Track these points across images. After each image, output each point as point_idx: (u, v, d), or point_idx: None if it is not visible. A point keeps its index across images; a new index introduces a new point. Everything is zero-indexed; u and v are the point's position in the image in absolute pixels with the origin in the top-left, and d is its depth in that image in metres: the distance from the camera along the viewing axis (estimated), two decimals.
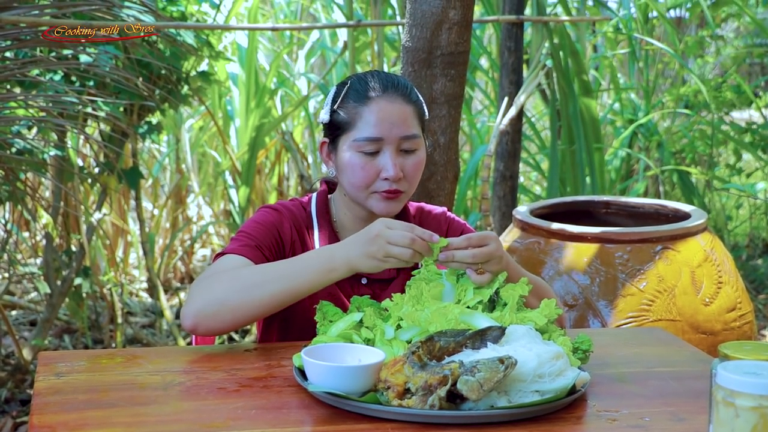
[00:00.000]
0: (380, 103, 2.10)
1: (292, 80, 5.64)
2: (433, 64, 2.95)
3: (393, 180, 2.09)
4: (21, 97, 3.49)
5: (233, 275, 1.98)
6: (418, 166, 2.14)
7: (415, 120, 2.13)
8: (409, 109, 2.12)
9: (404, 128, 2.10)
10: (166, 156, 5.52)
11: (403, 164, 2.11)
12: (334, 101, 2.14)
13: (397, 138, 2.10)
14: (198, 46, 4.13)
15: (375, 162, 2.10)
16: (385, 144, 2.09)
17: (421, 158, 2.14)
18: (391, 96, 2.11)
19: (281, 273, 1.96)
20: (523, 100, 4.22)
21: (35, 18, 3.35)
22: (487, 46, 5.63)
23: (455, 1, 2.88)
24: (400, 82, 2.15)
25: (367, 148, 2.09)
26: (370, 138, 2.09)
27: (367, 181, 2.10)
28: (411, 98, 2.14)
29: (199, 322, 1.96)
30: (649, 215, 3.44)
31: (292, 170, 5.55)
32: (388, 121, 2.09)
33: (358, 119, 2.10)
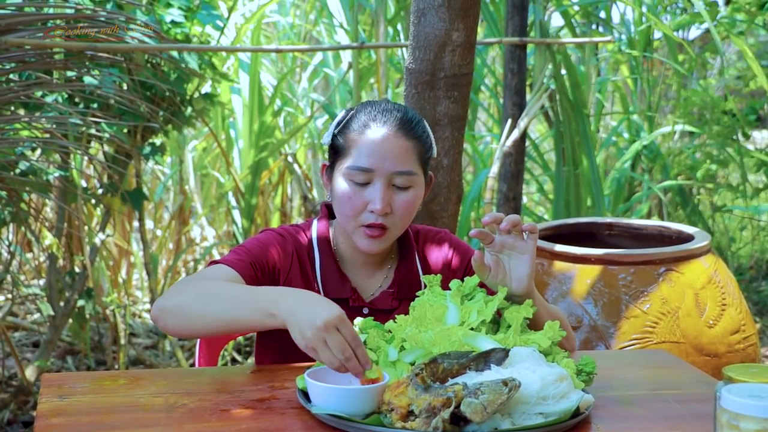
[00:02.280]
0: (377, 135, 2.05)
1: (296, 102, 5.66)
2: (437, 86, 2.95)
3: (378, 213, 2.03)
4: (25, 118, 3.50)
5: (203, 285, 1.95)
6: (409, 205, 2.06)
7: (413, 156, 2.06)
8: (407, 144, 2.05)
9: (398, 163, 2.04)
10: (170, 177, 5.53)
11: (393, 199, 2.05)
12: (337, 125, 2.11)
13: (389, 172, 2.04)
14: (202, 67, 4.14)
15: (364, 193, 2.04)
16: (375, 176, 2.04)
17: (414, 197, 2.07)
18: (391, 128, 2.05)
19: (231, 298, 1.89)
20: (526, 122, 4.23)
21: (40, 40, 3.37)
22: (491, 65, 5.64)
23: (458, 23, 2.89)
24: (405, 116, 2.08)
25: (357, 178, 2.04)
26: (360, 168, 2.04)
27: (354, 211, 2.05)
28: (414, 133, 2.07)
29: (158, 316, 1.95)
30: (652, 237, 3.43)
31: (296, 191, 5.56)
32: (382, 153, 2.03)
33: (353, 147, 2.06)
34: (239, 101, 5.21)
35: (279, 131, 5.41)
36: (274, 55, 5.69)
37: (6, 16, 3.29)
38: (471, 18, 2.91)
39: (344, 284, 2.15)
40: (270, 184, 5.46)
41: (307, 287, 2.11)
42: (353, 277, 2.17)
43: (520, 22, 4.23)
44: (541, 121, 5.83)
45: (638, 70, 5.34)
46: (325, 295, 2.12)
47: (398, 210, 2.06)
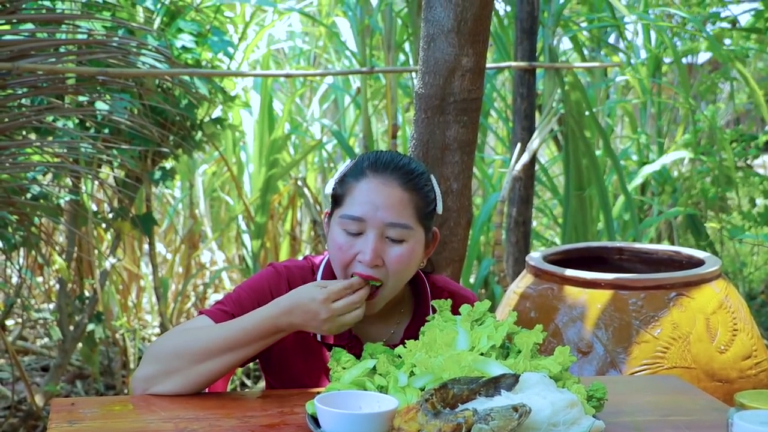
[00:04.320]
0: (372, 183, 1.98)
1: (306, 126, 5.68)
2: (446, 111, 2.96)
3: (367, 265, 1.96)
4: (37, 143, 3.51)
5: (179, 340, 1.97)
6: (402, 259, 1.98)
7: (410, 210, 1.98)
8: (404, 196, 1.98)
9: (392, 214, 1.97)
10: (180, 201, 5.54)
11: (385, 252, 1.97)
12: (338, 175, 2.07)
13: (381, 222, 1.96)
14: (212, 92, 4.16)
15: (356, 242, 1.98)
16: (368, 226, 1.97)
17: (408, 251, 1.98)
18: (388, 178, 1.98)
19: (225, 342, 1.94)
20: (535, 146, 4.23)
21: (52, 65, 3.39)
22: (500, 90, 5.66)
23: (468, 48, 2.90)
24: (405, 166, 2.01)
25: (350, 227, 1.98)
26: (352, 216, 1.97)
27: (344, 261, 1.99)
28: (412, 185, 1.99)
29: (148, 388, 1.97)
30: (662, 261, 3.42)
31: (305, 215, 5.57)
32: (375, 203, 1.97)
33: (348, 195, 2.00)
34: (250, 125, 5.23)
35: (289, 155, 5.43)
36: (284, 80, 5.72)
37: (19, 42, 3.32)
38: (480, 43, 2.92)
39: (343, 332, 2.08)
40: (280, 208, 5.47)
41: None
42: (356, 327, 2.10)
43: (529, 47, 4.24)
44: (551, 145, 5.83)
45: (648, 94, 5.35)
46: (322, 340, 2.10)
47: (391, 264, 1.98)
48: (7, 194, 3.40)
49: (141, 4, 4.05)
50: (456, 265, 3.11)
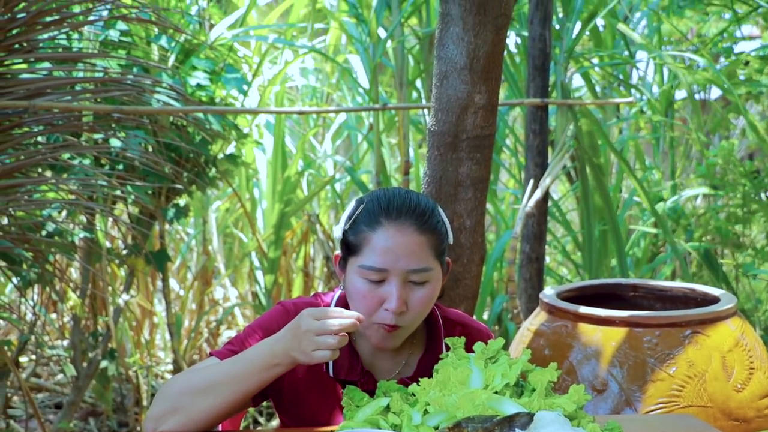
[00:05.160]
0: (389, 232, 1.99)
1: (319, 162, 5.69)
2: (459, 148, 2.97)
3: (395, 313, 1.98)
4: (52, 180, 3.54)
5: (186, 379, 2.00)
6: (425, 300, 2.02)
7: (428, 251, 2.00)
8: (421, 240, 2.00)
9: (413, 261, 1.99)
10: (193, 237, 5.56)
11: (409, 297, 1.99)
12: (348, 220, 2.06)
13: (404, 270, 1.98)
14: (226, 129, 4.19)
15: (379, 291, 1.99)
16: (390, 275, 1.98)
17: (431, 291, 2.02)
18: (403, 225, 1.99)
19: (228, 376, 1.95)
20: (548, 182, 4.23)
21: (68, 103, 3.42)
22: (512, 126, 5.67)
23: (481, 86, 2.91)
24: (417, 209, 2.02)
25: (371, 277, 1.99)
26: (374, 268, 1.98)
27: (369, 310, 2.00)
28: (427, 227, 2.01)
29: (158, 427, 1.97)
30: (677, 299, 3.41)
31: (318, 251, 5.57)
32: (395, 252, 1.98)
33: (365, 245, 2.00)
34: (263, 162, 5.26)
35: (302, 191, 5.45)
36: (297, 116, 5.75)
37: (36, 81, 3.35)
38: (493, 81, 2.94)
39: (355, 366, 2.10)
40: (293, 244, 5.48)
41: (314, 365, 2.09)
42: (368, 358, 2.12)
43: (541, 84, 4.26)
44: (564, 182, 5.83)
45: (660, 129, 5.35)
46: (334, 375, 2.11)
47: (414, 307, 2.01)
48: (22, 231, 3.41)
49: (156, 43, 4.09)
50: (469, 301, 3.11)
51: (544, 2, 4.20)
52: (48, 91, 3.36)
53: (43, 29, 3.34)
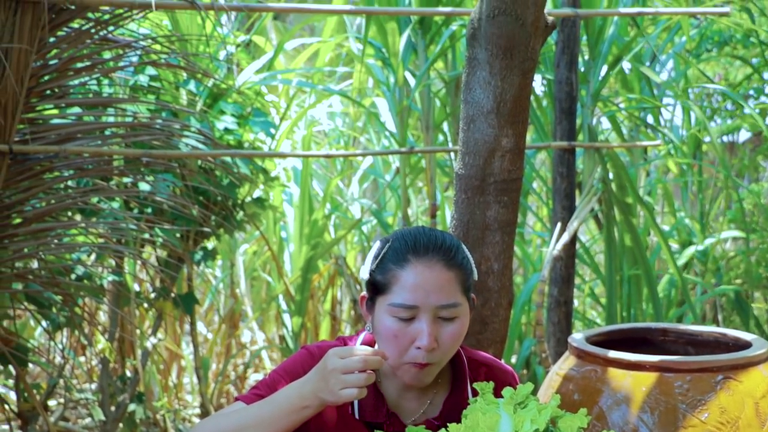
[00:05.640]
0: (417, 269, 2.01)
1: (345, 205, 5.71)
2: (486, 192, 2.96)
3: (426, 350, 1.99)
4: (82, 224, 3.56)
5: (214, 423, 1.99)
6: (455, 336, 2.03)
7: (456, 286, 2.03)
8: (449, 276, 2.02)
9: (442, 296, 2.01)
10: (221, 281, 5.57)
11: (439, 333, 2.01)
12: (374, 260, 2.07)
13: (434, 306, 2.00)
14: (253, 173, 4.21)
15: (409, 329, 2.00)
16: (420, 312, 2.00)
17: (460, 327, 2.04)
18: (431, 261, 2.01)
19: (257, 420, 1.95)
20: (576, 225, 4.22)
21: (98, 148, 3.46)
22: (539, 169, 5.67)
23: (508, 129, 2.92)
24: (443, 245, 2.05)
25: (402, 315, 2.00)
26: (404, 305, 2.00)
27: (401, 348, 2.01)
28: (454, 263, 2.04)
29: None
30: (708, 343, 3.37)
31: (345, 295, 5.57)
32: (425, 288, 2.00)
33: (394, 283, 2.01)
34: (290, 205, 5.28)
35: (329, 235, 5.46)
36: (324, 160, 5.77)
37: (67, 126, 3.39)
38: (520, 124, 2.94)
39: (380, 407, 2.09)
40: (320, 287, 5.48)
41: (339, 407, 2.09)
42: (393, 399, 2.12)
43: (568, 127, 4.26)
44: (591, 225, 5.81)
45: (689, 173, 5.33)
46: (360, 417, 2.10)
47: (444, 343, 2.02)
48: (52, 275, 3.44)
49: (185, 87, 4.13)
50: (497, 345, 3.08)
51: (570, 46, 4.21)
52: (78, 135, 3.40)
53: (75, 75, 3.39)
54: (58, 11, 3.22)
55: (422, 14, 4.46)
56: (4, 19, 3.10)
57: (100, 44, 3.42)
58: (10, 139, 3.17)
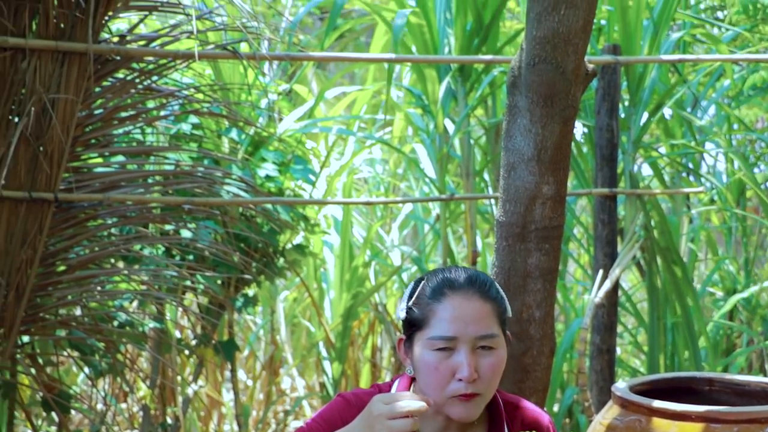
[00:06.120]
0: (455, 301, 2.03)
1: (385, 252, 5.71)
2: (528, 239, 2.95)
3: (467, 381, 1.99)
4: (124, 271, 3.60)
5: None
6: (496, 367, 2.04)
7: (493, 318, 2.05)
8: (486, 307, 2.04)
9: (481, 327, 2.02)
10: (261, 327, 5.58)
11: (479, 364, 2.01)
12: (410, 297, 2.09)
13: (472, 337, 2.01)
14: (294, 219, 4.23)
15: (449, 361, 2.01)
16: (459, 343, 2.01)
17: (499, 358, 2.05)
18: (467, 293, 2.04)
19: None
20: (618, 272, 4.18)
21: (141, 196, 3.50)
22: (580, 216, 5.64)
23: (548, 176, 2.91)
24: (478, 279, 2.08)
25: (441, 347, 2.01)
26: (444, 336, 2.01)
27: (442, 381, 2.01)
28: (489, 295, 2.06)
29: None
30: (755, 393, 3.31)
31: (386, 342, 5.55)
32: (463, 319, 2.01)
33: (432, 317, 2.03)
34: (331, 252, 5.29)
35: (369, 282, 5.45)
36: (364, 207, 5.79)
37: (110, 174, 3.44)
38: (561, 171, 2.93)
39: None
40: (360, 334, 5.47)
41: None
42: None
43: (609, 173, 4.24)
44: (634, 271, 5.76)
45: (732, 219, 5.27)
46: None
47: (485, 374, 2.02)
48: (95, 322, 3.46)
49: (226, 135, 4.17)
50: (539, 394, 3.05)
51: (610, 93, 4.21)
52: (122, 183, 3.44)
53: (119, 124, 3.44)
54: (104, 62, 3.28)
55: (462, 62, 4.49)
56: (51, 70, 3.16)
57: (144, 94, 3.47)
58: (56, 188, 3.22)
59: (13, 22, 3.13)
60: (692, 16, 4.84)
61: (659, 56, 4.46)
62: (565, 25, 2.73)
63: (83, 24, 3.16)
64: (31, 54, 3.14)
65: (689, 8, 5.03)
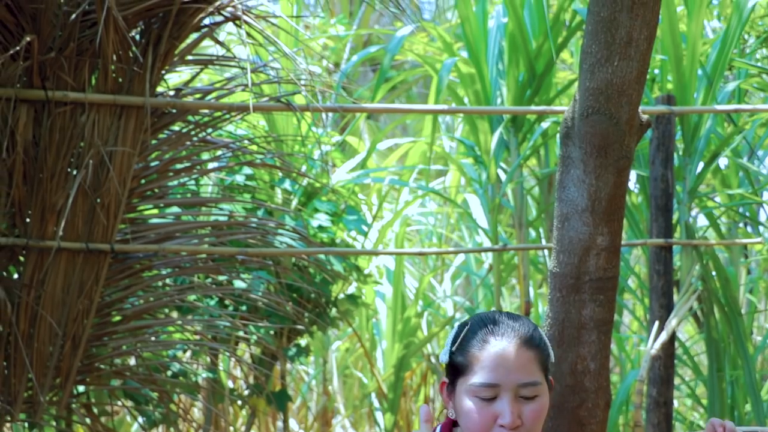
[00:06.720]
0: (497, 348, 2.03)
1: (438, 302, 5.69)
2: (582, 290, 2.92)
3: (510, 428, 1.99)
4: (178, 321, 3.62)
5: None
6: (538, 414, 2.03)
7: (536, 366, 2.05)
8: (529, 355, 2.05)
9: (523, 375, 2.03)
10: (313, 377, 5.57)
11: (521, 411, 2.01)
12: (453, 342, 2.09)
13: (515, 384, 2.01)
14: (347, 270, 4.24)
15: (492, 408, 2.01)
16: (502, 390, 2.01)
17: (541, 405, 2.04)
18: (511, 340, 2.05)
19: None
20: (674, 324, 4.12)
21: (195, 247, 3.53)
22: (634, 267, 5.58)
23: (603, 227, 2.88)
24: (521, 326, 2.08)
25: (483, 394, 2.01)
26: (486, 384, 2.01)
27: (484, 427, 2.01)
28: (533, 343, 2.07)
29: None
30: None
31: (438, 393, 5.51)
32: (506, 366, 2.02)
33: (475, 363, 2.04)
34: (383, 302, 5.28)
35: (421, 332, 5.43)
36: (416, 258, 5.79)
37: (165, 225, 3.48)
38: (616, 222, 2.90)
39: None
40: (412, 385, 5.44)
41: None
42: None
43: (664, 224, 4.19)
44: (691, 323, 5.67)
45: None
46: None
47: (528, 421, 2.02)
48: (149, 372, 3.48)
49: (279, 186, 4.21)
50: None
51: (665, 143, 4.18)
52: (176, 234, 3.48)
53: (174, 176, 3.48)
54: (160, 115, 3.33)
55: (515, 113, 4.49)
56: (109, 123, 3.22)
57: (199, 145, 3.52)
58: (112, 239, 3.26)
59: (74, 77, 3.20)
60: (748, 64, 4.81)
61: (714, 106, 4.42)
62: (618, 77, 2.73)
63: (141, 78, 3.22)
64: (90, 108, 3.20)
65: (745, 57, 5.00)
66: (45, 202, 3.20)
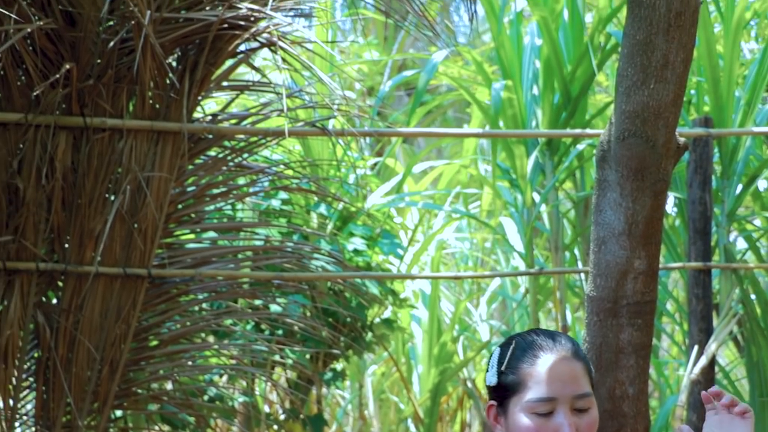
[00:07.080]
0: (550, 362, 2.02)
1: (474, 326, 5.66)
2: (619, 314, 2.90)
3: None
4: (215, 346, 3.63)
5: None
6: (592, 427, 2.02)
7: (586, 377, 2.04)
8: (579, 366, 2.03)
9: (577, 386, 2.01)
10: (349, 402, 5.56)
11: (578, 424, 1.99)
12: (500, 362, 2.07)
13: (570, 397, 2.00)
14: (382, 294, 4.23)
15: (550, 423, 1.99)
16: (559, 404, 1.99)
17: (594, 418, 2.03)
18: (560, 353, 2.03)
19: None
20: (714, 348, 4.07)
21: (231, 271, 3.54)
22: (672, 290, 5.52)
23: (640, 251, 2.86)
24: (566, 340, 2.08)
25: (540, 410, 1.99)
26: (543, 399, 1.99)
27: None
28: (579, 354, 2.06)
29: None
30: None
31: (474, 417, 5.48)
32: (560, 379, 2.01)
33: (528, 379, 2.02)
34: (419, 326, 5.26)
35: (458, 357, 5.41)
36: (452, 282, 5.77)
37: (202, 250, 3.50)
38: (653, 245, 2.88)
39: None
40: (449, 410, 5.41)
41: None
42: None
43: (703, 247, 4.15)
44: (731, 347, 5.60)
45: None
46: None
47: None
48: (186, 396, 3.49)
49: (315, 210, 4.22)
50: None
51: (703, 165, 4.14)
52: (213, 259, 3.50)
53: (210, 201, 3.51)
54: (197, 140, 3.36)
55: (550, 136, 4.48)
56: (146, 149, 3.25)
57: (235, 171, 3.54)
58: (149, 264, 3.28)
59: (111, 104, 3.24)
60: None
61: (752, 128, 4.39)
62: (655, 99, 2.71)
63: (177, 104, 3.25)
64: (128, 134, 3.24)
65: None
66: (83, 227, 3.23)
